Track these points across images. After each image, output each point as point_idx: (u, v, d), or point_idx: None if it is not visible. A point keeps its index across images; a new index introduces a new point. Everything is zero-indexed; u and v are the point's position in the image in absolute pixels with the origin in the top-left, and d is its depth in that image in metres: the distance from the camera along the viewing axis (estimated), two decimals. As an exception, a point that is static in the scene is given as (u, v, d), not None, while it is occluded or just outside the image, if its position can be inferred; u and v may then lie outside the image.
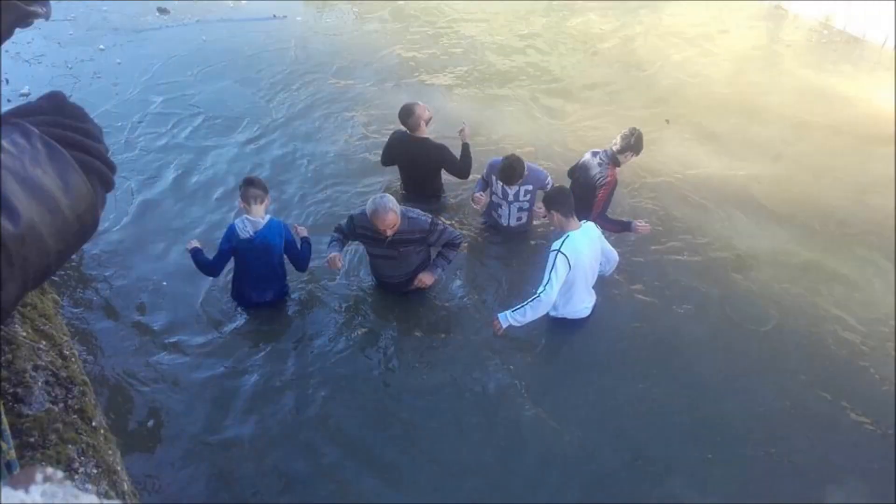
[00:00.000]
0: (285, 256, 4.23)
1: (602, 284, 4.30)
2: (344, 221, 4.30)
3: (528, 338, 4.22)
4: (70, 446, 2.11)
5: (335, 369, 4.05)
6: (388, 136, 5.29)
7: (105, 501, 0.57)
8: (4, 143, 0.63)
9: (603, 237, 4.08)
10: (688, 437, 3.72)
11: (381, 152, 5.35)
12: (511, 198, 4.81)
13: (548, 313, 3.95)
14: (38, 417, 2.13)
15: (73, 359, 2.68)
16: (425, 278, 4.19)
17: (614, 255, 4.16)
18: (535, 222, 5.09)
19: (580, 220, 3.95)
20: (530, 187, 4.76)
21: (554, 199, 3.94)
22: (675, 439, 3.71)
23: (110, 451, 2.38)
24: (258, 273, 4.20)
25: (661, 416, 3.82)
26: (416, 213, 4.14)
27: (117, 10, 9.23)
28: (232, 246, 4.08)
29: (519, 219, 4.96)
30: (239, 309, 4.39)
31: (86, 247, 4.59)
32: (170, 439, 3.59)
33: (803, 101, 7.46)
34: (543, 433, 3.70)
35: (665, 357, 4.20)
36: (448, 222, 4.86)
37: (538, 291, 3.79)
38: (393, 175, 5.52)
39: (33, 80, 7.11)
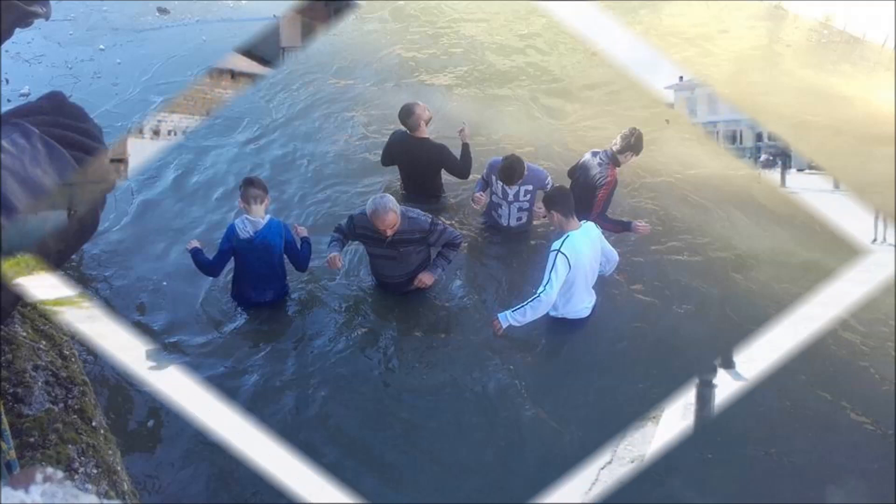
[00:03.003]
0: (285, 256, 4.23)
1: (602, 284, 4.29)
2: (344, 221, 4.30)
3: (528, 338, 4.21)
4: (70, 446, 2.11)
5: (335, 369, 4.05)
6: (389, 136, 5.29)
7: (105, 501, 0.57)
8: (4, 143, 0.63)
9: (603, 237, 4.08)
10: (688, 438, 3.72)
11: (381, 152, 5.35)
12: (511, 198, 4.81)
13: (548, 313, 3.95)
14: (38, 417, 2.12)
15: (73, 359, 2.68)
16: (425, 278, 4.20)
17: (614, 255, 4.16)
18: (535, 222, 5.08)
19: (580, 220, 3.95)
20: (530, 187, 4.76)
21: (554, 199, 3.94)
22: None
23: (110, 451, 2.38)
24: (258, 273, 4.20)
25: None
26: (416, 213, 4.15)
27: (117, 10, 9.22)
28: (232, 246, 4.08)
29: (519, 219, 4.95)
30: (239, 309, 4.39)
31: (86, 247, 4.58)
32: (170, 439, 3.59)
33: (803, 101, 7.45)
34: (543, 433, 3.70)
35: (665, 357, 4.19)
36: (448, 222, 4.85)
37: (538, 291, 3.79)
38: (393, 175, 5.52)
39: (33, 80, 7.10)
